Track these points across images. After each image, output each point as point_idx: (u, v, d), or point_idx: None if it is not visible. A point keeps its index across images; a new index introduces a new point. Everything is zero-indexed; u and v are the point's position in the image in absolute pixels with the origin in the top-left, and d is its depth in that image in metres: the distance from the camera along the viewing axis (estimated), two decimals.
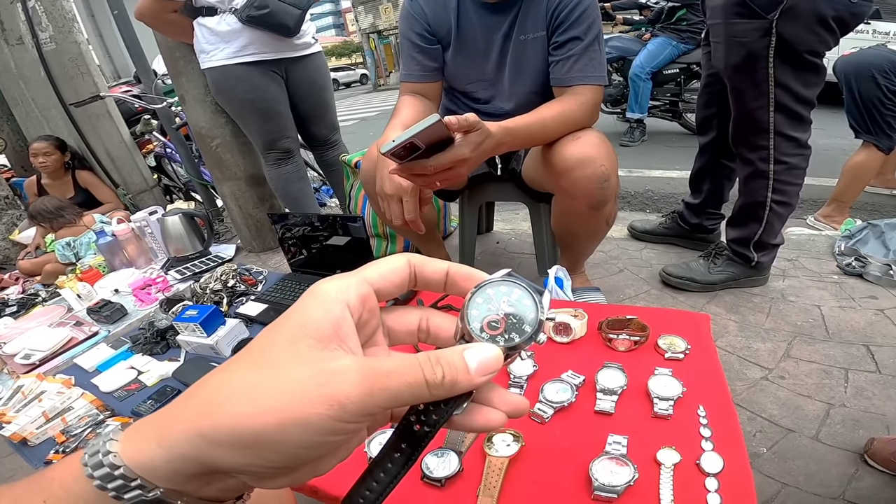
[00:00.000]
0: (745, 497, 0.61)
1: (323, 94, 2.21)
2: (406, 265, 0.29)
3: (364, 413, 0.23)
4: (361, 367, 0.23)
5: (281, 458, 0.23)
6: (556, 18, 1.20)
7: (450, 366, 0.24)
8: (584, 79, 1.19)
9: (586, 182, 1.15)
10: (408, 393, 0.24)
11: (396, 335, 0.31)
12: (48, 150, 2.61)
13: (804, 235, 1.97)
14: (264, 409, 0.22)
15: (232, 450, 0.22)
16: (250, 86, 1.95)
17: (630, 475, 0.61)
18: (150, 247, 2.49)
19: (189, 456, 0.23)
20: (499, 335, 0.27)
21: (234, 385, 0.24)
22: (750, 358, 1.32)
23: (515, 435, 0.71)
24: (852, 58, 2.01)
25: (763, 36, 1.28)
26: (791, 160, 1.41)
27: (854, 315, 1.45)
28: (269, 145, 2.09)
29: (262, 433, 0.22)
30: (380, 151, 0.87)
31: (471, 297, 0.28)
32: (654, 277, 1.73)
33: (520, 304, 0.27)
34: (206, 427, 0.22)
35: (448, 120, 0.89)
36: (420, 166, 0.93)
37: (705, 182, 1.78)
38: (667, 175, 3.18)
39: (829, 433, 1.09)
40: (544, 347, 0.90)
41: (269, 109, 2.01)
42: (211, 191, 2.90)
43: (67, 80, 2.75)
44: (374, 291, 0.28)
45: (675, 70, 3.83)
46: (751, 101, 1.38)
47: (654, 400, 0.73)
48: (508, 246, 2.13)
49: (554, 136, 1.17)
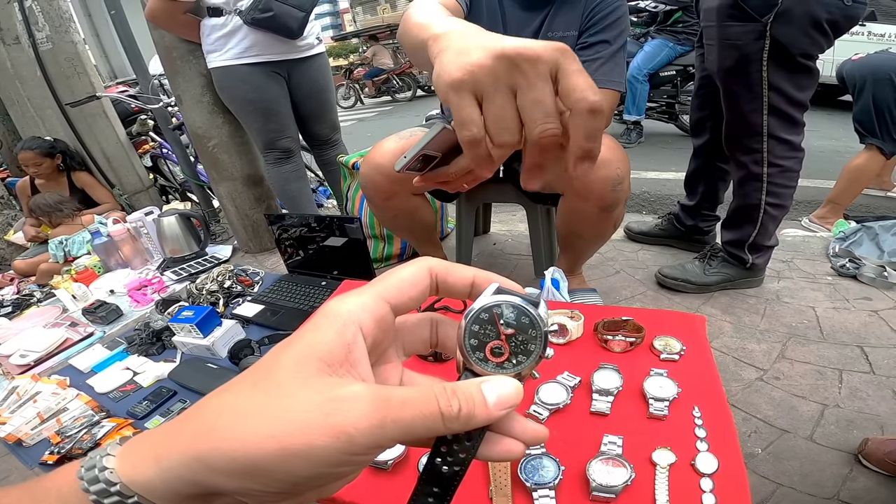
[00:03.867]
0: (740, 498, 0.61)
1: (324, 95, 2.23)
2: (427, 275, 0.27)
3: (374, 445, 0.22)
4: (373, 397, 0.22)
5: (282, 486, 0.22)
6: (591, 20, 1.20)
7: (467, 399, 0.23)
8: (606, 83, 1.19)
9: (600, 184, 1.16)
10: (422, 426, 0.22)
11: (409, 347, 0.30)
12: (36, 161, 2.58)
13: (799, 237, 1.98)
14: (265, 436, 0.21)
15: (230, 475, 0.21)
16: (253, 86, 1.97)
17: (627, 475, 0.62)
18: (146, 247, 2.47)
19: (186, 478, 0.22)
20: (505, 361, 0.26)
21: (235, 408, 0.23)
22: (745, 359, 1.33)
23: None
24: (865, 61, 2.02)
25: (757, 39, 1.29)
26: (785, 163, 1.41)
27: (848, 316, 1.46)
28: (269, 144, 2.10)
29: (262, 461, 0.21)
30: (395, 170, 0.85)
31: (466, 325, 0.26)
32: (650, 279, 1.74)
33: (519, 323, 0.26)
34: (205, 450, 0.22)
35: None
36: (442, 174, 0.91)
37: (700, 184, 1.79)
38: (663, 177, 3.19)
39: (824, 434, 1.09)
40: None
41: (270, 110, 2.03)
42: (207, 191, 2.88)
43: (64, 79, 2.74)
44: (390, 309, 0.26)
45: (672, 72, 3.86)
46: (744, 104, 1.39)
47: (650, 401, 0.74)
48: (505, 247, 2.13)
49: None
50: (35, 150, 2.58)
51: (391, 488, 0.68)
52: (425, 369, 0.90)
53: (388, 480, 0.69)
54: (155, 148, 3.25)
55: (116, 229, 2.33)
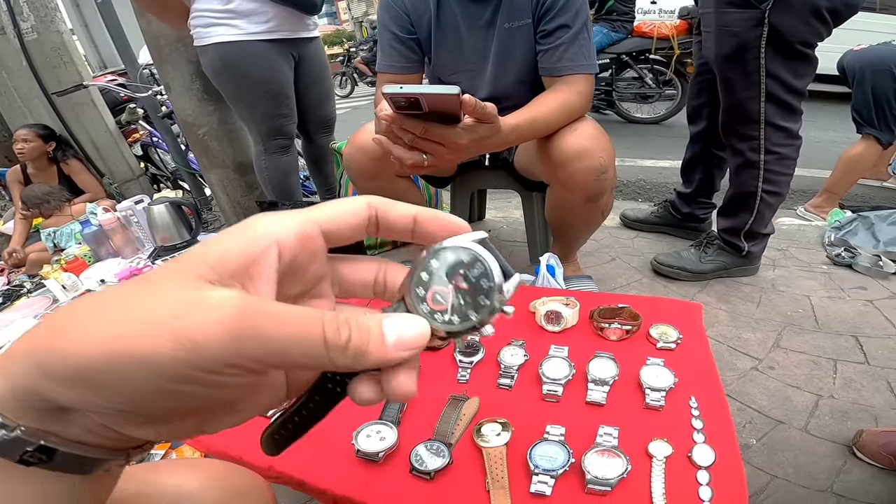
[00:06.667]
0: (737, 491, 0.60)
1: (328, 80, 2.17)
2: (365, 207, 0.24)
3: (227, 362, 0.18)
4: (242, 304, 0.18)
5: (124, 401, 0.18)
6: (542, 6, 1.17)
7: (360, 330, 0.19)
8: (575, 68, 1.17)
9: (583, 174, 1.14)
10: (298, 350, 0.19)
11: (348, 287, 0.27)
12: (27, 138, 2.57)
13: (794, 226, 1.97)
14: (107, 337, 0.17)
15: (65, 384, 0.18)
16: (267, 65, 1.84)
17: (623, 468, 0.60)
18: (137, 236, 2.44)
19: (29, 387, 0.18)
20: (440, 312, 0.22)
21: (92, 305, 0.19)
22: (740, 348, 1.32)
23: (504, 424, 0.70)
24: (866, 52, 2.01)
25: (755, 26, 1.27)
26: (782, 150, 1.40)
27: (843, 306, 1.45)
28: (274, 131, 1.98)
29: (90, 366, 0.17)
30: (383, 91, 0.81)
31: (426, 258, 0.23)
32: (646, 266, 1.73)
33: (478, 284, 0.22)
34: (41, 353, 0.18)
35: (466, 99, 0.82)
36: (412, 123, 0.86)
37: (696, 171, 1.78)
38: (659, 164, 3.18)
39: (818, 425, 1.09)
40: (535, 336, 0.89)
41: (283, 92, 1.92)
42: (199, 179, 2.86)
43: (50, 69, 2.72)
44: (321, 233, 0.23)
45: (607, 60, 3.98)
46: (741, 92, 1.37)
47: (646, 391, 0.72)
48: (500, 234, 2.11)
49: (555, 129, 1.14)
50: (33, 128, 2.59)
51: (381, 480, 0.66)
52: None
53: (379, 472, 0.67)
54: (145, 137, 3.21)
55: (106, 218, 2.29)
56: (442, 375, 0.83)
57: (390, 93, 0.78)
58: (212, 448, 0.77)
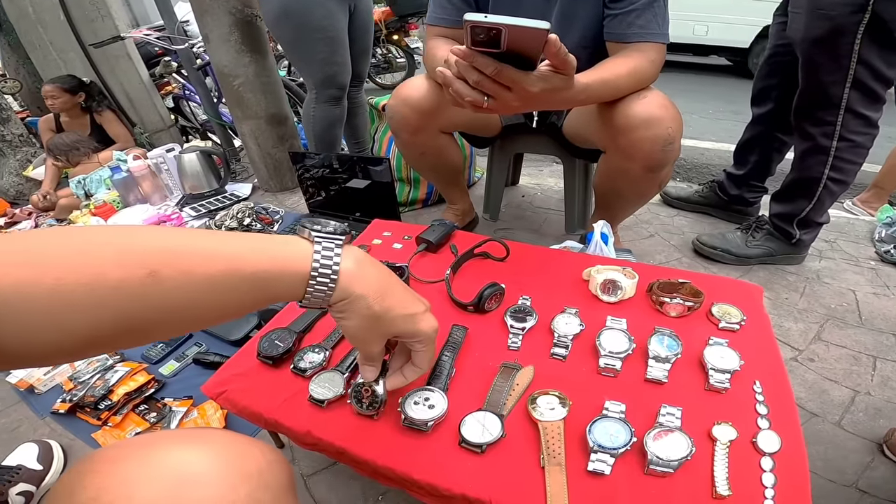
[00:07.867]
0: (800, 479, 0.58)
1: (372, 33, 2.13)
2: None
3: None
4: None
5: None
6: None
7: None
8: (647, 35, 1.07)
9: (649, 143, 1.08)
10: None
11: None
12: (54, 93, 2.56)
13: (843, 219, 1.90)
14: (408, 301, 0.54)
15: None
16: (326, 11, 1.82)
17: (687, 450, 0.58)
18: (166, 183, 2.45)
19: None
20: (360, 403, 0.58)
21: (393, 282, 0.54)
22: (781, 337, 1.29)
23: (560, 397, 0.67)
24: None
25: (855, 12, 1.17)
26: (857, 138, 1.33)
27: (888, 303, 1.41)
28: (329, 80, 1.96)
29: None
30: (464, 18, 0.72)
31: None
32: (686, 245, 1.68)
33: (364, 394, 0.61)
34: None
35: (553, 38, 0.73)
36: (484, 61, 0.77)
37: (753, 153, 1.70)
38: (701, 145, 3.08)
39: (852, 420, 1.07)
40: (590, 305, 0.86)
41: (340, 40, 1.90)
42: (229, 131, 2.86)
43: (87, 22, 2.72)
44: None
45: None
46: (825, 76, 1.28)
47: (710, 372, 0.69)
48: (534, 200, 2.06)
49: (623, 94, 1.07)
50: (57, 83, 2.58)
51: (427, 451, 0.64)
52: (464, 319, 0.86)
53: (425, 443, 0.65)
54: (177, 90, 3.25)
55: (137, 165, 2.30)
56: (492, 341, 0.80)
57: (473, 20, 0.68)
58: (245, 410, 0.73)
